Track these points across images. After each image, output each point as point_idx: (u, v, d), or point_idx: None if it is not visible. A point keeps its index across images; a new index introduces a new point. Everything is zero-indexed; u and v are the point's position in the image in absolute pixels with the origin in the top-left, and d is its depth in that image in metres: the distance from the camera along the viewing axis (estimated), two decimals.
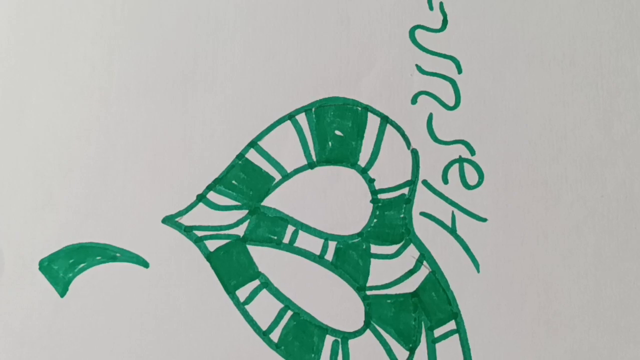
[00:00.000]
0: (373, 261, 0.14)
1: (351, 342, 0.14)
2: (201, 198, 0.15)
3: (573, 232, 0.14)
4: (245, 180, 0.15)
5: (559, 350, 0.14)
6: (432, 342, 0.14)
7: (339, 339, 0.14)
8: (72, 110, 0.16)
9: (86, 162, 0.15)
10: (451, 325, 0.14)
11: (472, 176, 0.14)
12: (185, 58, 0.15)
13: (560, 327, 0.14)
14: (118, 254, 0.15)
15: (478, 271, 0.14)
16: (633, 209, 0.14)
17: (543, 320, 0.14)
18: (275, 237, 0.15)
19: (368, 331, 0.14)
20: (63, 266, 0.16)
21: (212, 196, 0.15)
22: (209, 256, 0.15)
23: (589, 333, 0.14)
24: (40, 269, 0.16)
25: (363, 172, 0.15)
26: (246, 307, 0.15)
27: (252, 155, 0.15)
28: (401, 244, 0.14)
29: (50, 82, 0.16)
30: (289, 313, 0.14)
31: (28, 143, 0.16)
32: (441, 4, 0.15)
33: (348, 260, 0.14)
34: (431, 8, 0.15)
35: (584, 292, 0.14)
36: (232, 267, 0.15)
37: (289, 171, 0.15)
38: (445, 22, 0.15)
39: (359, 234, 0.14)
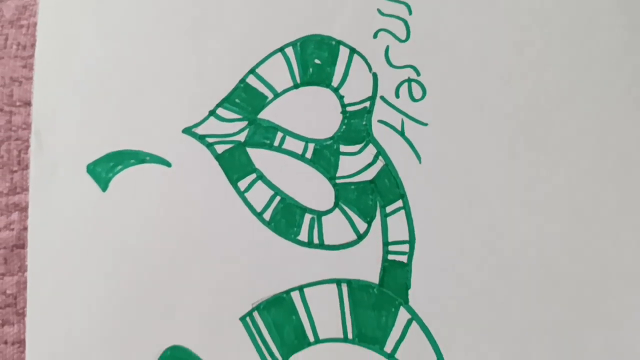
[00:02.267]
0: (342, 157, 0.19)
1: (324, 218, 0.19)
2: (212, 113, 0.20)
3: (494, 130, 0.18)
4: (245, 99, 0.19)
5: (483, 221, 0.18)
6: (384, 216, 0.18)
7: (315, 216, 0.19)
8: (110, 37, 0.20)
9: (121, 87, 0.20)
10: (399, 203, 0.18)
11: (417, 92, 0.19)
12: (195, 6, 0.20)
13: (482, 204, 0.18)
14: (147, 157, 0.20)
15: (420, 162, 0.18)
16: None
17: (467, 200, 0.18)
18: (268, 142, 0.19)
19: (337, 210, 0.19)
20: (105, 168, 0.20)
21: (220, 111, 0.20)
22: (218, 157, 0.19)
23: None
24: (87, 171, 0.20)
25: (335, 90, 0.19)
26: (245, 194, 0.19)
27: (251, 80, 0.19)
28: (363, 144, 0.19)
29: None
30: (278, 198, 0.19)
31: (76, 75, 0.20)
32: None
33: (323, 157, 0.19)
34: None
35: (500, 174, 0.18)
36: (235, 165, 0.19)
37: (279, 91, 0.19)
38: None
39: (331, 138, 0.19)
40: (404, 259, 0.18)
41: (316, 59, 0.19)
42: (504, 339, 0.18)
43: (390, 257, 0.18)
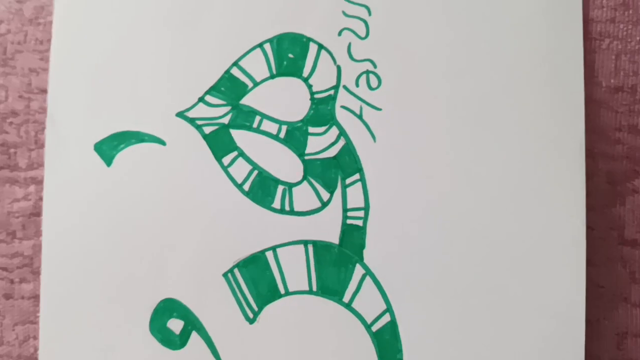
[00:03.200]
0: (310, 137, 0.22)
1: (294, 189, 0.22)
2: (201, 99, 0.23)
3: (438, 115, 0.21)
4: (229, 87, 0.23)
5: None
6: (344, 187, 0.21)
7: (287, 187, 0.22)
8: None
9: (123, 77, 0.23)
10: (356, 176, 0.21)
11: (374, 82, 0.22)
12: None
13: (427, 176, 0.21)
14: (146, 137, 0.23)
15: (374, 141, 0.21)
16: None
17: (414, 173, 0.21)
18: (248, 124, 0.22)
19: (305, 182, 0.22)
20: (109, 147, 0.23)
21: (208, 98, 0.23)
22: (205, 137, 0.23)
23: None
24: (94, 149, 0.24)
25: (305, 80, 0.22)
26: (228, 169, 0.22)
27: (235, 71, 0.23)
28: (327, 126, 0.22)
29: None
30: (255, 172, 0.22)
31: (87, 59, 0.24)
32: None
33: (293, 137, 0.22)
34: None
35: (444, 152, 0.21)
36: (219, 144, 0.22)
37: (258, 81, 0.22)
38: None
39: (301, 120, 0.22)
40: (360, 223, 0.21)
41: (290, 53, 0.22)
42: (446, 292, 0.21)
43: (349, 221, 0.21)
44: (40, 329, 0.23)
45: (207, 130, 0.23)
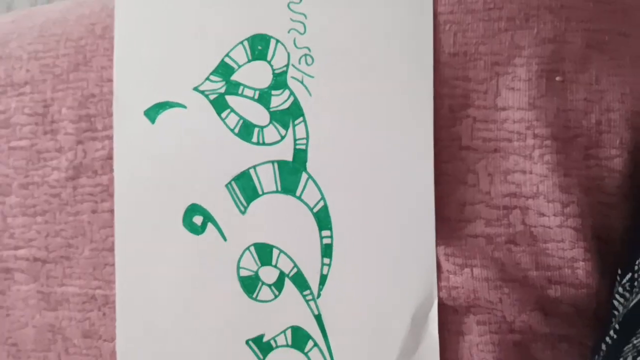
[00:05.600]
0: (273, 97, 0.35)
1: (264, 129, 0.35)
2: (207, 78, 0.36)
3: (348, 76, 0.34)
4: (224, 70, 0.35)
5: None
6: (294, 126, 0.34)
7: (260, 128, 0.35)
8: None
9: (159, 67, 0.37)
10: (301, 119, 0.34)
11: (309, 60, 0.35)
12: None
13: (349, 105, 0.34)
14: (174, 104, 0.37)
15: (310, 95, 0.35)
16: None
17: (337, 110, 0.34)
18: (236, 91, 0.36)
19: (271, 125, 0.34)
20: (153, 111, 0.37)
21: (211, 77, 0.36)
22: (211, 101, 0.36)
23: None
24: (144, 114, 0.38)
25: (269, 62, 0.35)
26: (225, 120, 0.35)
27: (227, 60, 0.35)
28: (283, 89, 0.35)
29: None
30: (241, 121, 0.35)
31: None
32: None
33: (263, 97, 0.35)
34: None
35: (347, 102, 0.34)
36: (219, 105, 0.36)
37: (240, 64, 0.36)
38: None
39: (268, 87, 0.35)
40: (304, 147, 0.35)
41: (259, 46, 0.36)
42: (353, 185, 0.34)
43: (297, 147, 0.35)
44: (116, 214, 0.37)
45: (212, 97, 0.36)
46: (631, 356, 0.22)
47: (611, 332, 0.26)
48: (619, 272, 0.29)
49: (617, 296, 0.28)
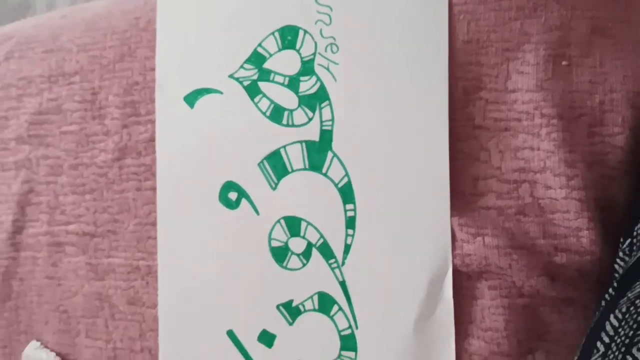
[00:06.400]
0: (301, 83, 0.38)
1: (294, 112, 0.39)
2: (241, 66, 0.40)
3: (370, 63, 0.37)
4: (257, 59, 0.39)
5: None
6: (320, 109, 0.38)
7: (289, 111, 0.39)
8: None
9: (197, 59, 0.41)
10: (327, 102, 0.38)
11: (335, 49, 0.38)
12: None
13: (371, 86, 0.38)
14: (212, 90, 0.41)
15: (335, 81, 0.38)
16: None
17: (361, 91, 0.38)
18: (267, 78, 0.39)
19: (299, 108, 0.38)
20: (192, 97, 0.41)
21: (245, 65, 0.39)
22: (244, 87, 0.40)
23: None
24: (183, 99, 0.42)
25: (297, 51, 0.39)
26: (257, 104, 0.39)
27: (259, 49, 0.39)
28: (310, 76, 0.38)
29: None
30: (273, 105, 0.39)
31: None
32: None
33: (293, 83, 0.39)
34: None
35: (374, 84, 0.38)
36: (251, 90, 0.39)
37: (272, 53, 0.39)
38: None
39: (296, 73, 0.38)
40: (329, 128, 0.38)
41: (288, 36, 0.39)
42: (375, 161, 0.37)
43: (323, 128, 0.38)
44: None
45: (245, 83, 0.40)
46: (625, 306, 0.25)
47: (610, 290, 0.29)
48: (621, 239, 0.32)
49: (618, 260, 0.30)
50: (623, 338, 0.24)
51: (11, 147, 0.46)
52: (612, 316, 0.25)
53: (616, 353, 0.23)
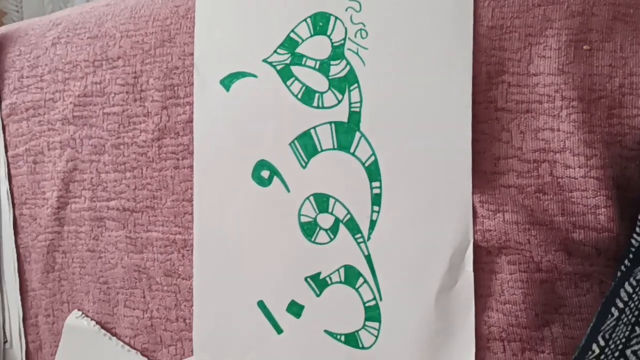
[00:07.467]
0: (331, 67, 0.41)
1: (324, 95, 0.41)
2: (275, 51, 0.42)
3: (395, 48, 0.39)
4: (290, 44, 0.41)
5: None
6: (350, 91, 0.40)
7: (320, 94, 0.41)
8: None
9: (233, 45, 0.44)
10: (355, 85, 0.40)
11: (364, 34, 0.40)
12: None
13: (396, 71, 0.39)
14: (246, 74, 0.43)
15: (364, 65, 0.40)
16: None
17: (384, 76, 0.39)
18: (299, 62, 0.42)
19: (329, 91, 0.40)
20: (228, 81, 0.43)
21: (278, 50, 0.41)
22: (278, 71, 0.41)
23: None
24: (219, 83, 0.44)
25: (328, 36, 0.41)
26: (290, 87, 0.42)
27: (292, 35, 0.41)
28: (340, 60, 0.40)
29: None
30: (304, 87, 0.41)
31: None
32: None
33: (323, 67, 0.41)
34: None
35: (394, 71, 0.39)
36: (284, 74, 0.41)
37: (304, 38, 0.42)
38: None
39: (328, 57, 0.41)
40: (358, 109, 0.40)
41: (320, 22, 0.41)
42: (398, 141, 0.39)
43: (352, 109, 0.40)
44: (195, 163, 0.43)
45: (279, 67, 0.42)
46: (639, 274, 0.27)
47: (625, 261, 0.30)
48: (639, 217, 0.33)
49: (634, 235, 0.32)
50: (637, 302, 0.25)
51: (57, 127, 0.49)
52: (627, 284, 0.27)
53: (630, 317, 0.25)
